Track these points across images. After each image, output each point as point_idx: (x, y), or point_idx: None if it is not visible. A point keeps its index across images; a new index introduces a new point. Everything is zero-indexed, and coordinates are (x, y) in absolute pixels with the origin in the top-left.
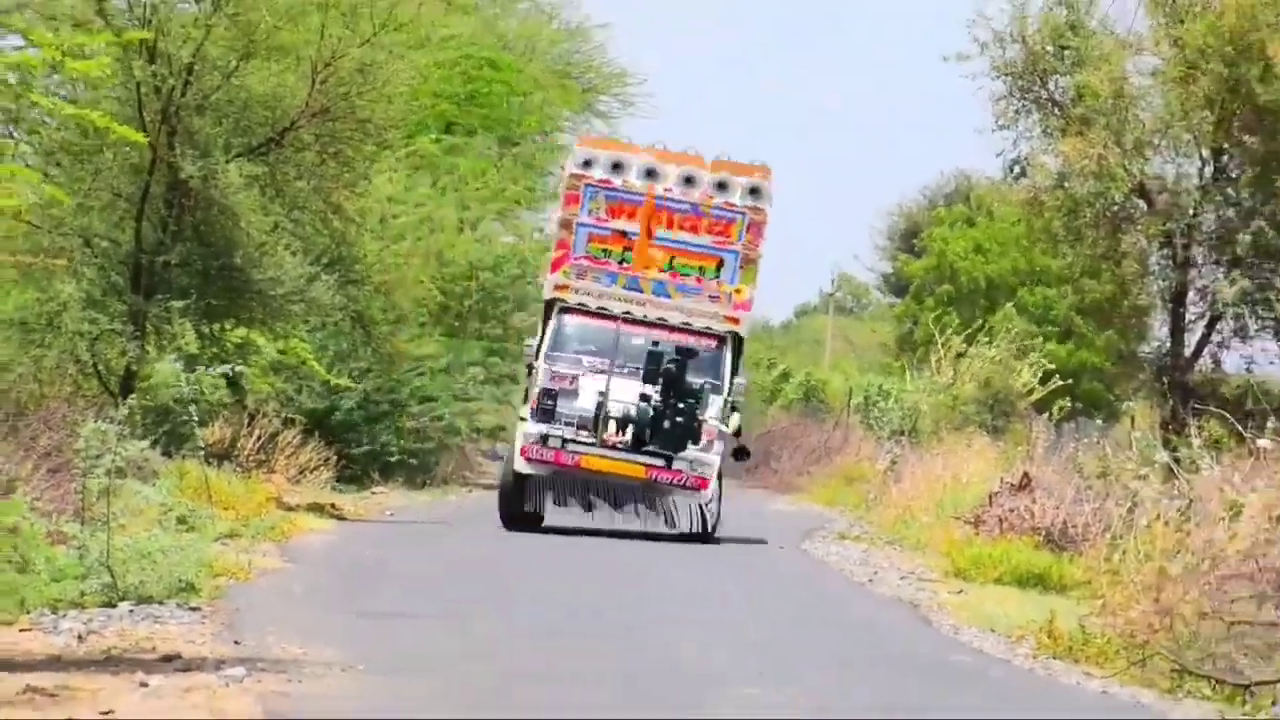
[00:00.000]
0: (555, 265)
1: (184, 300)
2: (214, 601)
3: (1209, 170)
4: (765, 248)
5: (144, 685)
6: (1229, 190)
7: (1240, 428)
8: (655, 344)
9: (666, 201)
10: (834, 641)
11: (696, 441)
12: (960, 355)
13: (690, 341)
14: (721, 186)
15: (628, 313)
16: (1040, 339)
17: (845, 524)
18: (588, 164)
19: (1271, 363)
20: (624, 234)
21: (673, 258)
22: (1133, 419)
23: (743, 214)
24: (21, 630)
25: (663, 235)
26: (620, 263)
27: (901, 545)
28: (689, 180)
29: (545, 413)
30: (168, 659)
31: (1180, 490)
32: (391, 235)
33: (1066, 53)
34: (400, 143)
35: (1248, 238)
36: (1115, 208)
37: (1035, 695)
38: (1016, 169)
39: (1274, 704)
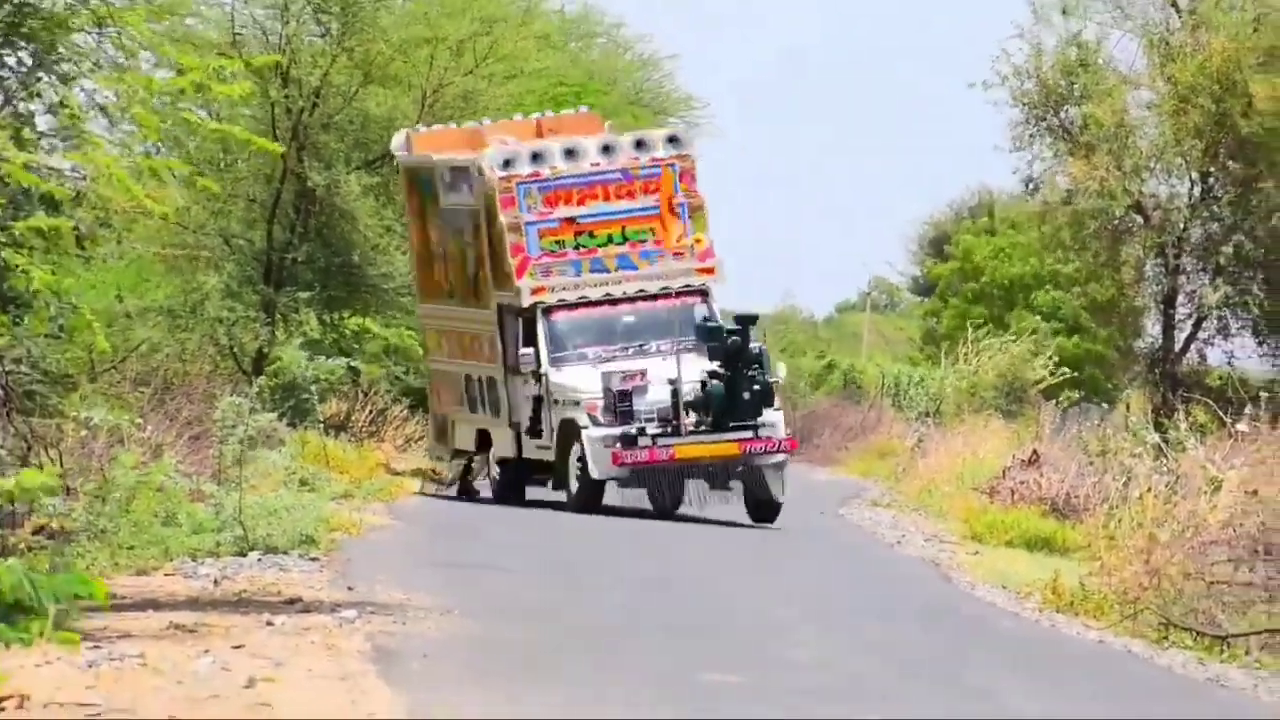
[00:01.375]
0: (519, 272)
1: (308, 292)
2: (330, 553)
3: (1197, 191)
4: (704, 190)
5: (269, 624)
6: (1214, 208)
7: (1221, 414)
8: (707, 319)
9: (598, 176)
10: (868, 595)
11: (771, 404)
12: (981, 347)
13: (644, 309)
14: (640, 145)
15: (608, 294)
16: (1052, 335)
17: (878, 493)
18: (508, 164)
19: (1249, 357)
20: (571, 220)
21: (623, 227)
22: (1129, 405)
23: (671, 165)
24: (166, 575)
25: (606, 208)
26: (577, 249)
27: (926, 512)
28: (607, 149)
29: (624, 414)
30: (290, 602)
31: (1169, 467)
32: None
33: (1075, 87)
34: None
35: (1230, 249)
36: (1116, 222)
37: (1040, 643)
38: (1031, 186)
39: (1247, 653)
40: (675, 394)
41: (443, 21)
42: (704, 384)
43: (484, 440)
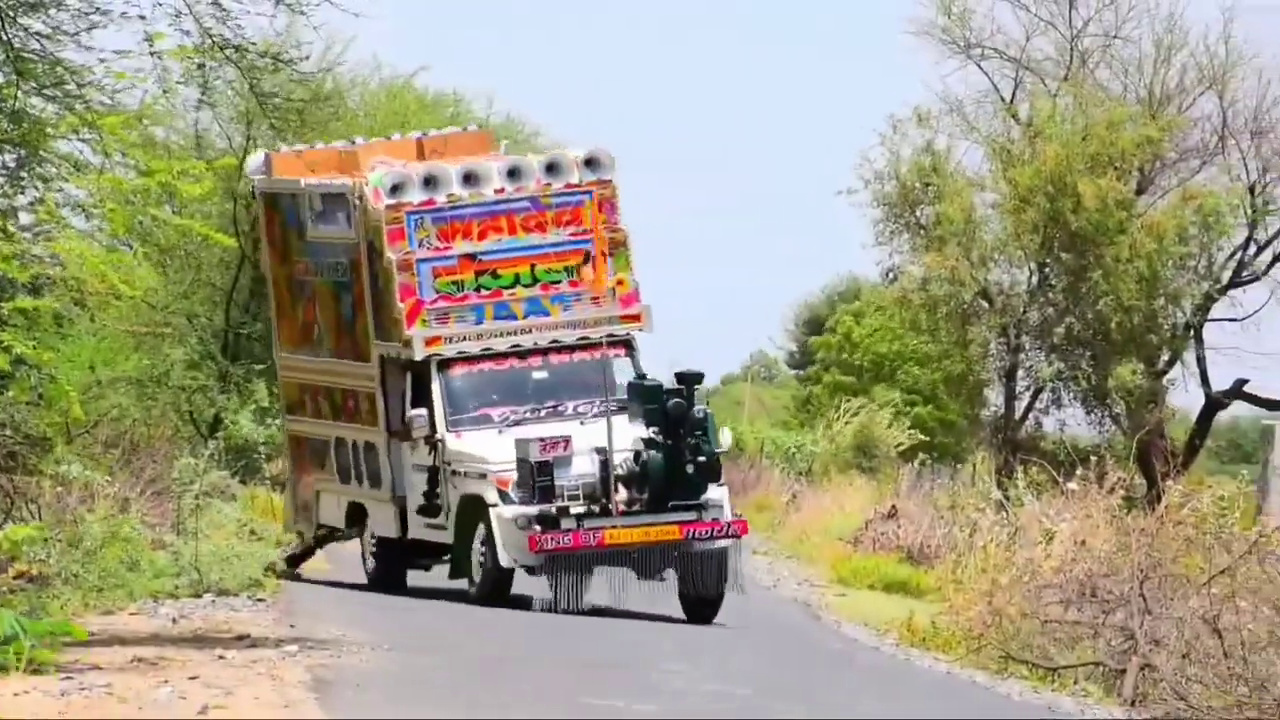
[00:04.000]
0: (410, 318)
1: (260, 365)
2: (275, 595)
3: (1035, 279)
4: (626, 221)
5: (221, 657)
6: (1049, 294)
7: (1055, 474)
8: (641, 376)
9: (501, 204)
10: (746, 631)
11: (717, 479)
12: (851, 416)
13: (557, 362)
14: (552, 169)
15: (515, 345)
16: (910, 406)
17: (756, 542)
18: (397, 189)
19: (1079, 425)
20: (471, 257)
21: (532, 265)
22: (975, 466)
23: (588, 192)
24: (130, 614)
25: (512, 243)
26: (478, 291)
27: (799, 559)
28: (514, 173)
29: (542, 490)
30: (240, 638)
31: (1009, 520)
32: None
33: (930, 189)
34: None
35: (1062, 330)
36: (964, 306)
37: (896, 673)
38: (891, 275)
39: (1075, 683)
40: (605, 466)
41: (383, 132)
42: (639, 454)
43: (357, 515)
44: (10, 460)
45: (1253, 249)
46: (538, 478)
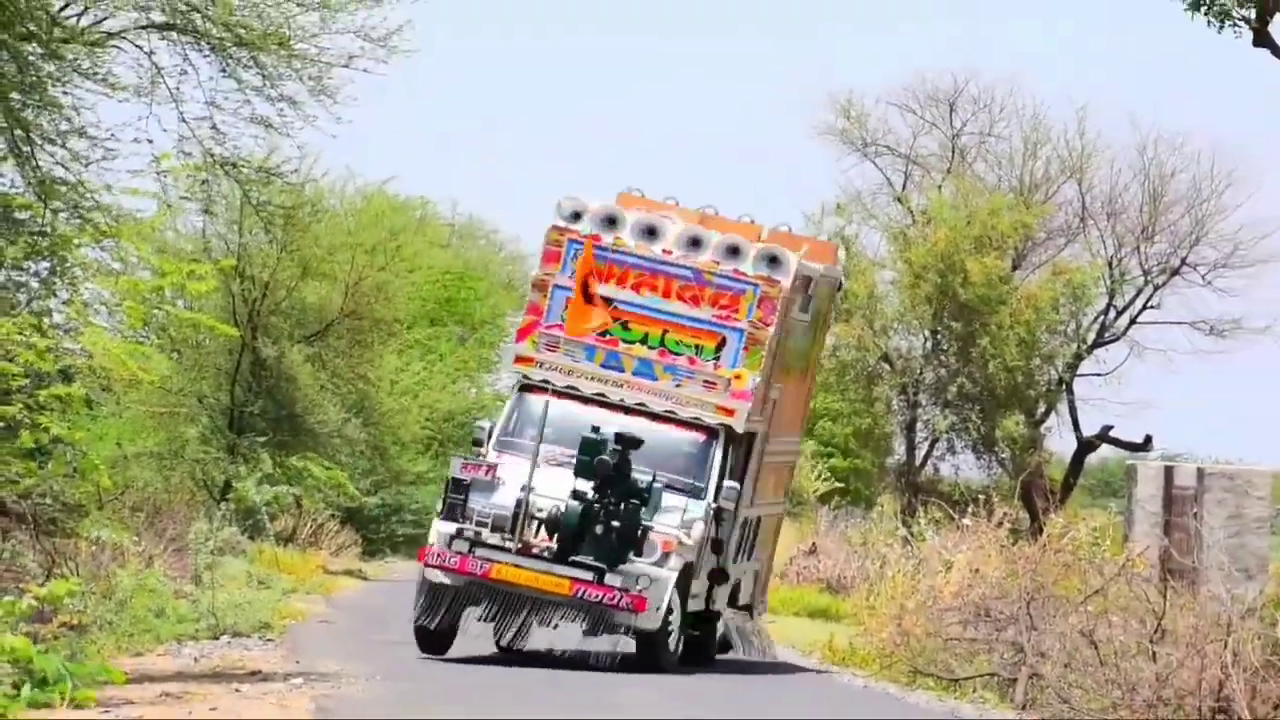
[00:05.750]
0: (523, 333)
1: (263, 437)
2: (282, 635)
3: (929, 344)
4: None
5: (237, 690)
6: (942, 357)
7: (951, 512)
8: (595, 429)
9: (664, 265)
10: (688, 655)
11: (640, 553)
12: None
13: (637, 427)
14: (734, 252)
15: (600, 394)
16: (827, 455)
17: None
18: (576, 216)
19: (971, 469)
20: (609, 301)
21: (665, 332)
22: (883, 507)
23: (754, 285)
24: (158, 655)
25: (656, 303)
26: (603, 335)
27: None
28: (695, 242)
29: (453, 508)
30: (252, 673)
31: (913, 553)
32: (398, 392)
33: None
34: (403, 332)
35: (955, 388)
36: (869, 369)
37: (819, 687)
38: None
39: (974, 691)
40: (521, 503)
41: (360, 231)
42: (566, 504)
43: None
44: (51, 525)
45: (1113, 314)
46: (451, 494)
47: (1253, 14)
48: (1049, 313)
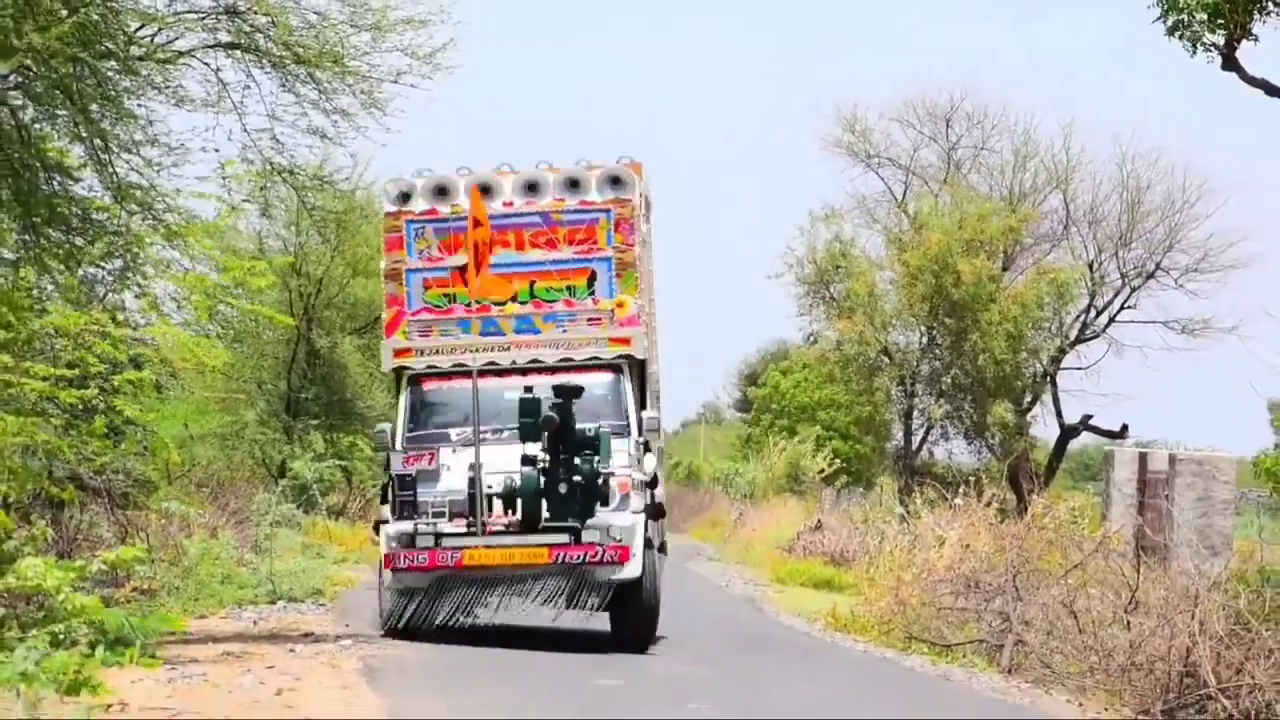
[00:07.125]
0: (391, 327)
1: (316, 420)
2: (334, 601)
3: (924, 339)
4: (641, 247)
5: (292, 650)
6: (936, 351)
7: (944, 493)
8: (528, 389)
9: (509, 218)
10: (705, 622)
11: (606, 502)
12: (782, 450)
13: (571, 378)
14: (574, 185)
15: (491, 363)
16: (830, 440)
17: (711, 552)
18: (405, 198)
19: (963, 453)
20: (464, 269)
21: (532, 283)
22: (882, 487)
23: (605, 211)
24: (220, 618)
25: (512, 258)
26: (468, 305)
27: (745, 564)
28: (532, 187)
29: (406, 505)
30: (306, 635)
31: (909, 530)
32: None
33: (840, 269)
34: None
35: (948, 379)
36: (870, 362)
37: (824, 651)
38: (811, 338)
39: (964, 657)
40: (473, 482)
41: None
42: (520, 473)
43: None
44: (124, 499)
45: (1093, 313)
46: (399, 492)
47: (1221, 40)
48: (1035, 311)
